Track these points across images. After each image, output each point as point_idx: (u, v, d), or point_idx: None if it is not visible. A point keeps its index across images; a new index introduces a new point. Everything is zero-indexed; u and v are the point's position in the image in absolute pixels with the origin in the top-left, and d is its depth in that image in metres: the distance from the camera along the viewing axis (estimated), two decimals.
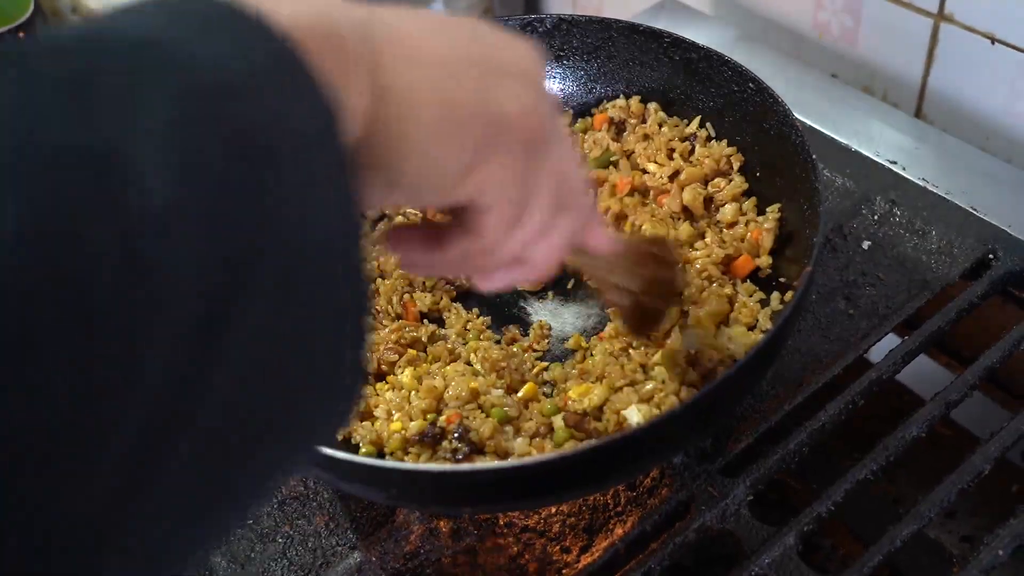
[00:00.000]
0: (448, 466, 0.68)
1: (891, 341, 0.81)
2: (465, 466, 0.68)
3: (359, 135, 0.37)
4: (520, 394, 0.73)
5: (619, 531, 0.70)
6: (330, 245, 0.33)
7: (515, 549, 0.71)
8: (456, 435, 0.68)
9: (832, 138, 0.98)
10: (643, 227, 0.82)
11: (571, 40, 0.95)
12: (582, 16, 0.94)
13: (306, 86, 0.32)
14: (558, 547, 0.71)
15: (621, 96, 0.94)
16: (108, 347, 0.26)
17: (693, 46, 0.88)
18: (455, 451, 0.68)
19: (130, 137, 0.27)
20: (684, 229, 0.81)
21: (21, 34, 1.11)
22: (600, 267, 0.67)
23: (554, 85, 0.97)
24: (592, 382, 0.72)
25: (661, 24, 1.18)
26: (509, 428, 0.70)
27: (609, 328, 0.77)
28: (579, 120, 0.96)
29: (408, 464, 0.68)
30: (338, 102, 0.33)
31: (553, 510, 0.73)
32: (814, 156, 0.73)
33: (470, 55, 0.43)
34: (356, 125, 0.37)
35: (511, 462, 0.66)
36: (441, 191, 0.43)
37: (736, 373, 0.61)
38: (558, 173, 0.47)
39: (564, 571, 0.70)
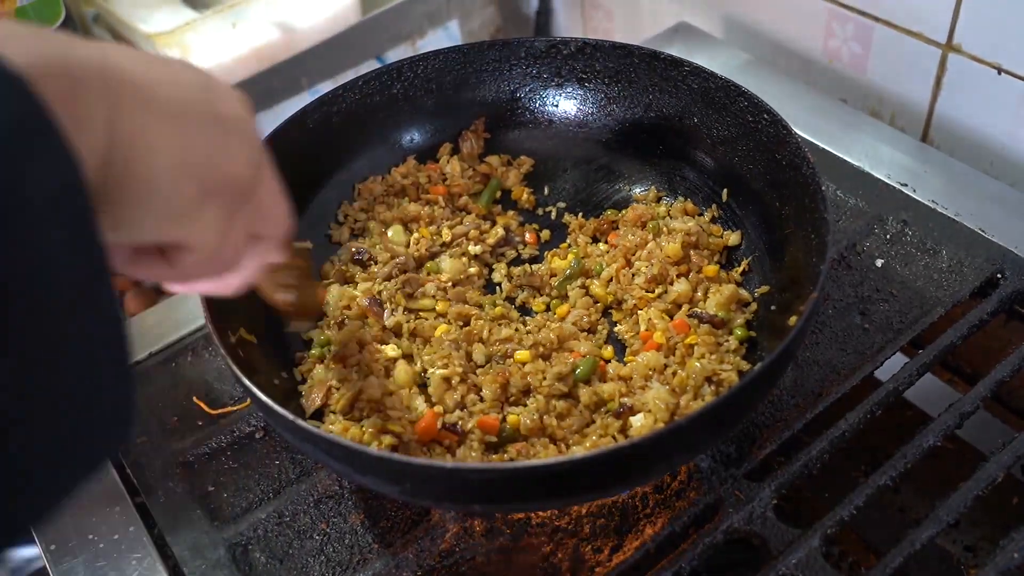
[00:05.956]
0: (461, 463, 0.70)
1: (896, 358, 0.84)
2: (476, 464, 0.70)
3: (92, 177, 0.40)
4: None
5: (649, 532, 0.73)
6: (78, 284, 0.36)
7: (548, 548, 0.74)
8: None
9: (844, 160, 1.02)
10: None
11: (594, 64, 0.98)
12: (605, 41, 0.97)
13: (50, 140, 0.34)
14: (590, 547, 0.74)
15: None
16: None
17: (711, 76, 0.90)
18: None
19: None
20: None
21: None
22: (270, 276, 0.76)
23: (574, 106, 1.01)
24: None
25: (674, 48, 1.22)
26: None
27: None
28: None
29: (422, 460, 0.68)
30: (79, 153, 0.36)
31: (584, 511, 0.75)
32: (824, 188, 0.75)
33: (199, 107, 0.47)
34: (90, 167, 0.39)
35: (522, 463, 0.68)
36: (155, 234, 0.47)
37: (739, 390, 0.63)
38: (260, 210, 0.53)
39: (596, 570, 0.72)
